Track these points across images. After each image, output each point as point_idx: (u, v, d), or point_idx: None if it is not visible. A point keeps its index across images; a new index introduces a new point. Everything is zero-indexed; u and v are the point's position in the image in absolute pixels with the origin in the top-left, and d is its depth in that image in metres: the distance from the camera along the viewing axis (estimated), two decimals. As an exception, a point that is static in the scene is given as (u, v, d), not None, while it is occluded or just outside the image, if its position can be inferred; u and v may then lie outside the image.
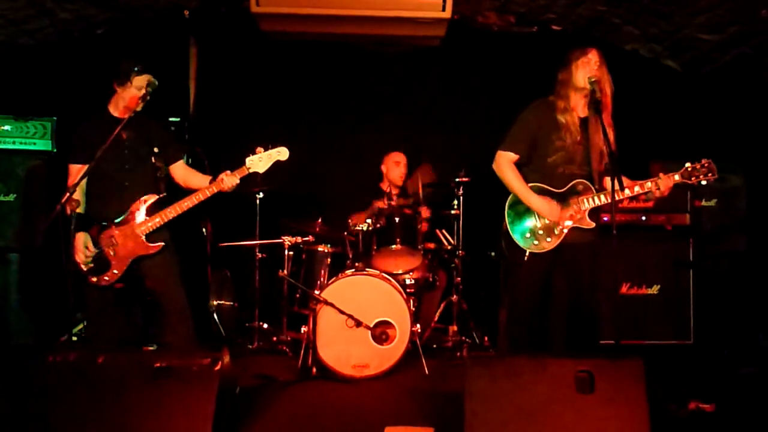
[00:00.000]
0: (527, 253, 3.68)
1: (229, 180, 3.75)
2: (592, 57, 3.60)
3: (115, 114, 3.81)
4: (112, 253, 3.71)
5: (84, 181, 3.70)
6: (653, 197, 3.67)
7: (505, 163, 3.77)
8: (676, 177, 3.52)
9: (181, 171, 4.01)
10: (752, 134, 5.40)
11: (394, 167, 5.52)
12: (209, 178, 3.86)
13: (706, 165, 3.49)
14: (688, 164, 3.52)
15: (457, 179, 5.08)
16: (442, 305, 5.19)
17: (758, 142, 5.34)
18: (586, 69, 3.58)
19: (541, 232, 3.68)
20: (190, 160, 5.35)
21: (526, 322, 3.80)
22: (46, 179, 4.90)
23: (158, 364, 2.84)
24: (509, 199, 3.78)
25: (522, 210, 3.73)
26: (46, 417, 2.76)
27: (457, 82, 6.14)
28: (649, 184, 3.55)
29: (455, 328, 5.07)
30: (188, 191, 3.86)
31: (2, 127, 5.03)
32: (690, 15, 4.94)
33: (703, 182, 3.51)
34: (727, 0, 4.60)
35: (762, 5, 4.31)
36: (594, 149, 3.66)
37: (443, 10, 5.05)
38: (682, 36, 5.29)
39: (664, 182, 3.52)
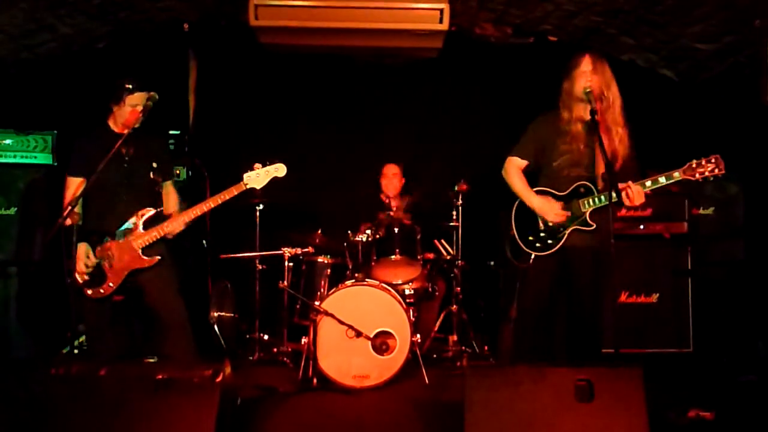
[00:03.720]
0: (532, 257, 3.73)
1: (171, 226, 3.80)
2: (585, 67, 3.65)
3: (115, 129, 3.85)
4: (108, 266, 3.72)
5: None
6: (627, 205, 3.65)
7: (511, 168, 3.91)
8: (676, 174, 3.49)
9: (166, 190, 4.06)
10: (749, 142, 5.41)
11: (386, 180, 5.57)
12: (174, 211, 3.96)
13: (713, 160, 3.47)
14: (693, 161, 3.50)
15: (456, 188, 5.12)
16: (442, 315, 5.20)
17: (755, 150, 5.36)
18: (582, 79, 3.64)
19: (543, 235, 3.76)
20: (190, 172, 5.39)
21: (534, 325, 3.84)
22: (47, 193, 4.92)
23: (160, 376, 2.85)
24: (516, 204, 3.89)
25: (527, 215, 3.81)
26: (47, 429, 2.77)
27: (455, 92, 6.17)
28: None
29: (455, 337, 5.09)
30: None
31: (3, 141, 5.05)
32: (685, 25, 4.98)
33: (710, 178, 3.46)
34: (721, 10, 4.64)
35: (755, 16, 4.35)
36: (599, 154, 3.69)
37: (441, 22, 5.07)
38: (677, 46, 5.32)
39: (635, 191, 3.53)
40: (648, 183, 3.54)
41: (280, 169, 3.90)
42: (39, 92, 5.64)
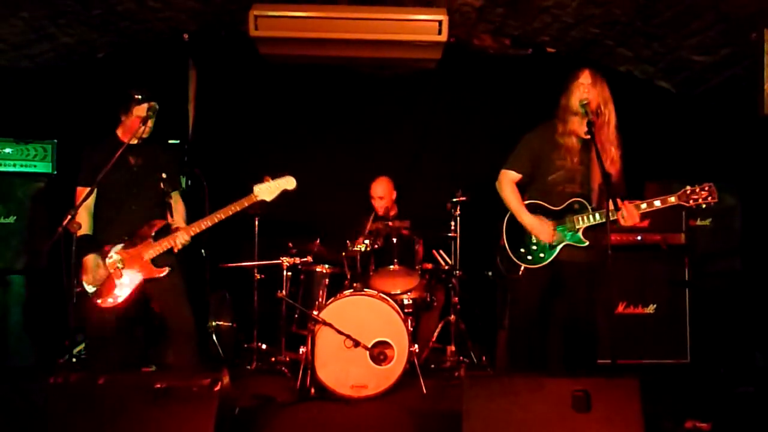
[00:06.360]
0: (522, 269, 3.73)
1: (181, 238, 3.81)
2: (584, 80, 3.67)
3: (123, 139, 3.87)
4: (118, 275, 3.75)
5: (92, 204, 3.78)
6: (621, 224, 3.63)
7: (505, 181, 3.89)
8: (672, 199, 3.56)
9: (174, 200, 4.06)
10: (746, 154, 5.44)
11: (374, 201, 5.56)
12: (180, 225, 3.94)
13: (706, 188, 3.53)
14: (688, 187, 3.56)
15: (453, 199, 5.13)
16: (440, 325, 5.20)
17: (752, 161, 5.38)
18: (579, 92, 3.66)
19: (535, 248, 3.76)
20: (189, 182, 5.40)
21: (525, 337, 3.85)
22: (47, 201, 4.93)
23: (158, 385, 2.86)
24: (507, 215, 3.87)
25: (519, 227, 3.80)
26: (46, 438, 2.78)
27: (453, 103, 6.18)
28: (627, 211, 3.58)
29: (453, 347, 5.08)
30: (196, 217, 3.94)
31: (3, 150, 5.07)
32: (682, 37, 5.02)
33: (703, 205, 3.54)
34: (718, 23, 4.68)
35: (752, 28, 4.38)
36: (594, 170, 3.72)
37: (439, 33, 5.10)
38: (674, 57, 5.36)
39: (629, 211, 3.53)
40: (643, 206, 3.59)
41: (289, 182, 3.95)
42: (39, 101, 5.66)
